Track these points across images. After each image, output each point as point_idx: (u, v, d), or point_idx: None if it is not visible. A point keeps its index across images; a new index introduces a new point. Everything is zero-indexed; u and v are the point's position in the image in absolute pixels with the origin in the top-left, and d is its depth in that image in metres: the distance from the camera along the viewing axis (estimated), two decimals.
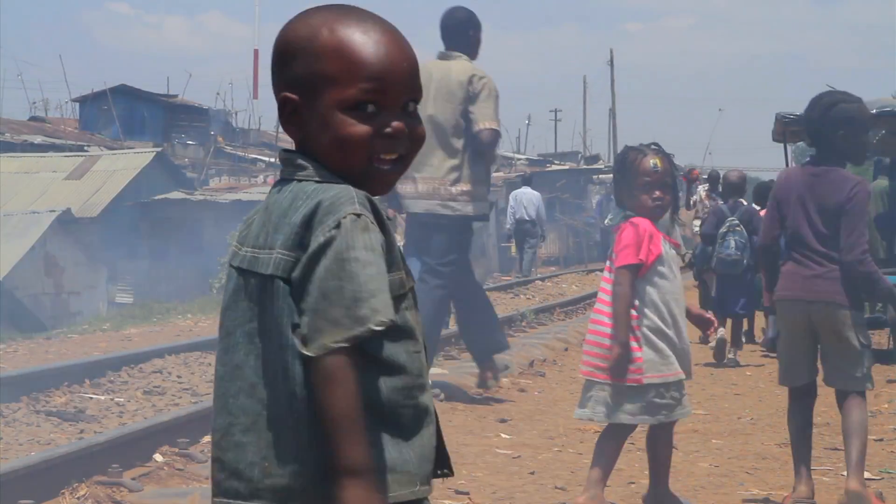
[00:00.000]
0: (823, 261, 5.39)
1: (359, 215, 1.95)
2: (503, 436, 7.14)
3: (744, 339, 11.92)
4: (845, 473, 5.47)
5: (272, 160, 39.98)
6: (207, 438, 6.72)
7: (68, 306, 24.36)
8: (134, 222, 27.33)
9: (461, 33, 8.13)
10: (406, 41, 2.07)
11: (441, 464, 2.12)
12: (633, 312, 4.97)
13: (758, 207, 11.70)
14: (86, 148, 34.08)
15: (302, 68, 2.03)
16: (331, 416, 1.91)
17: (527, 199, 25.11)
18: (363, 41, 2.02)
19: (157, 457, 6.18)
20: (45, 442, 6.76)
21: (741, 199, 11.62)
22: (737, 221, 11.17)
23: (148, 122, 39.71)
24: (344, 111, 2.01)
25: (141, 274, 26.74)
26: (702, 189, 17.51)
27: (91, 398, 8.28)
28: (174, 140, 39.75)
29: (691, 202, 17.84)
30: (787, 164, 12.99)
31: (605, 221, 5.23)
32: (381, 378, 2.00)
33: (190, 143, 40.32)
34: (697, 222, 15.15)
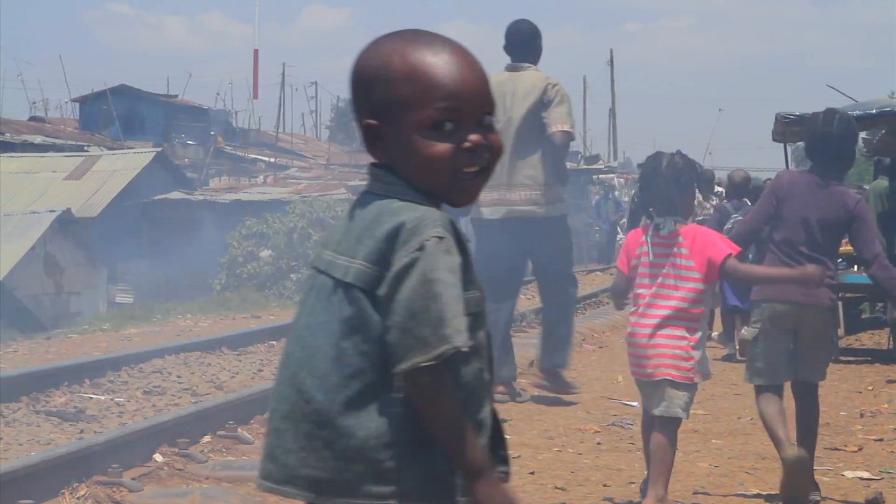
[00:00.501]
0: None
1: (441, 238, 2.04)
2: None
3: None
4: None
5: (272, 160, 39.99)
6: (207, 438, 6.73)
7: (68, 306, 24.36)
8: (134, 222, 27.35)
9: (529, 44, 8.42)
10: (475, 58, 2.15)
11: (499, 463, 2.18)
12: (698, 315, 5.19)
13: None
14: (86, 148, 34.09)
15: (379, 95, 2.11)
16: (437, 428, 2.03)
17: None
18: (434, 63, 2.10)
19: (157, 457, 6.18)
20: (45, 442, 6.76)
21: (745, 199, 11.61)
22: (741, 218, 11.18)
23: (148, 122, 39.73)
24: (424, 132, 2.09)
25: (141, 274, 26.75)
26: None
27: (91, 398, 8.27)
28: (174, 140, 39.76)
29: None
30: (787, 164, 12.99)
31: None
32: None
33: (190, 143, 40.33)
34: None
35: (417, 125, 2.08)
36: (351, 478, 2.05)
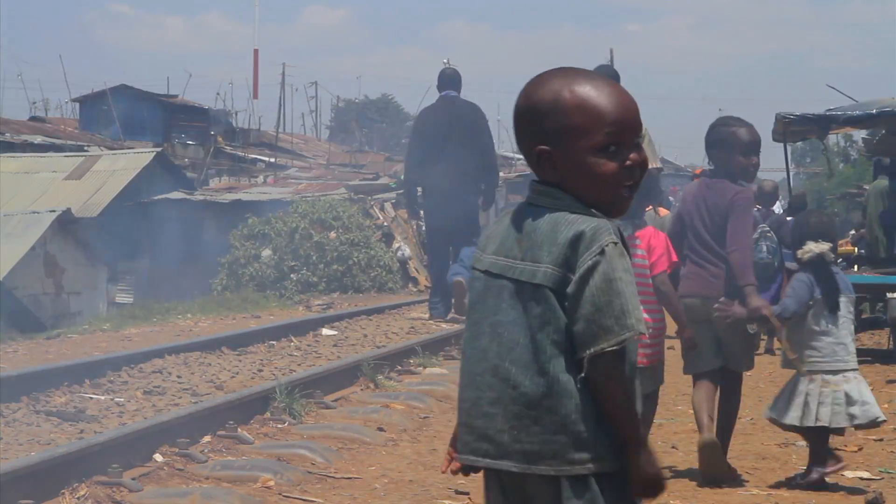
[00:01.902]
0: (718, 262, 6.10)
1: (616, 243, 2.45)
2: None
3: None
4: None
5: (272, 160, 39.97)
6: (207, 438, 6.73)
7: (68, 306, 24.35)
8: (134, 222, 27.33)
9: None
10: (625, 90, 2.53)
11: None
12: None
13: (789, 217, 11.83)
14: (86, 148, 34.08)
15: (552, 124, 2.50)
16: (612, 404, 2.44)
17: None
18: (598, 96, 2.50)
19: (157, 457, 6.18)
20: (45, 442, 6.75)
21: (772, 209, 11.63)
22: (767, 227, 11.21)
23: (148, 122, 39.72)
24: (595, 153, 2.49)
25: (141, 274, 26.74)
26: None
27: (91, 398, 8.27)
28: (174, 140, 39.74)
29: None
30: (786, 164, 13.00)
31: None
32: None
33: (190, 143, 40.31)
34: None
35: (589, 148, 2.47)
36: (557, 448, 2.45)
